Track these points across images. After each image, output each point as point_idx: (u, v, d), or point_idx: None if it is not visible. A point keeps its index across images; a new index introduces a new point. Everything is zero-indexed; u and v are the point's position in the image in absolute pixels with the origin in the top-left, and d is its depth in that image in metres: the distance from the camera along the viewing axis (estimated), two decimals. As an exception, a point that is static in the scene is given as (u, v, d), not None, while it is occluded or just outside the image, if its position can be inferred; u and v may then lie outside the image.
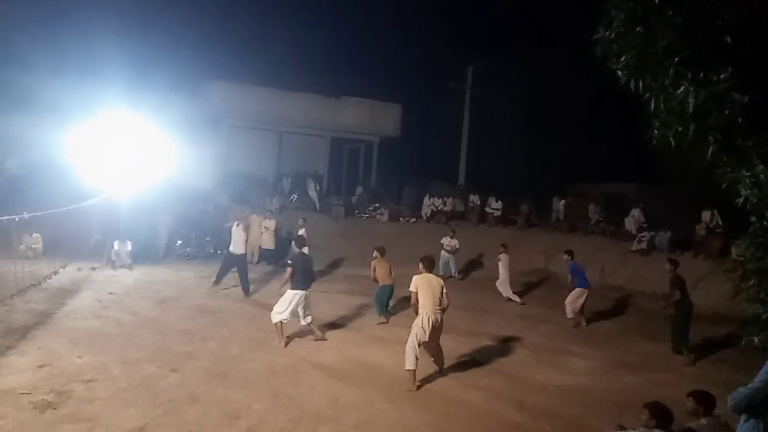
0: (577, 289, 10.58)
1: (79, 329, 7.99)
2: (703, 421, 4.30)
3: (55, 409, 5.37)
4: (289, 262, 8.19)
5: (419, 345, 6.70)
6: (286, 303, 7.92)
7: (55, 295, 9.83)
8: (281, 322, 7.92)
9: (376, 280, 10.16)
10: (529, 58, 23.52)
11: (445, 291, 6.92)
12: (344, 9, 26.58)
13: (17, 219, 8.20)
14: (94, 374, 6.29)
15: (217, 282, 11.21)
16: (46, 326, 8.01)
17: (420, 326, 6.70)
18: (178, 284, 11.76)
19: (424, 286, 6.81)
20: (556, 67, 22.53)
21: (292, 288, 7.99)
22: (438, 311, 6.79)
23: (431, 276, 6.97)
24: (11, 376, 6.05)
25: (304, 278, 8.10)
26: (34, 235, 12.85)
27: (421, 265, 7.07)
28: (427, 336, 6.69)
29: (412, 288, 6.84)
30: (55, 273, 11.02)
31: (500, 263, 12.69)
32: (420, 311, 6.79)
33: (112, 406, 5.53)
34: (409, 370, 6.64)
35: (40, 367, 6.38)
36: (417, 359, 6.66)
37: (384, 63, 26.15)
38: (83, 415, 5.29)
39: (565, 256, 11.07)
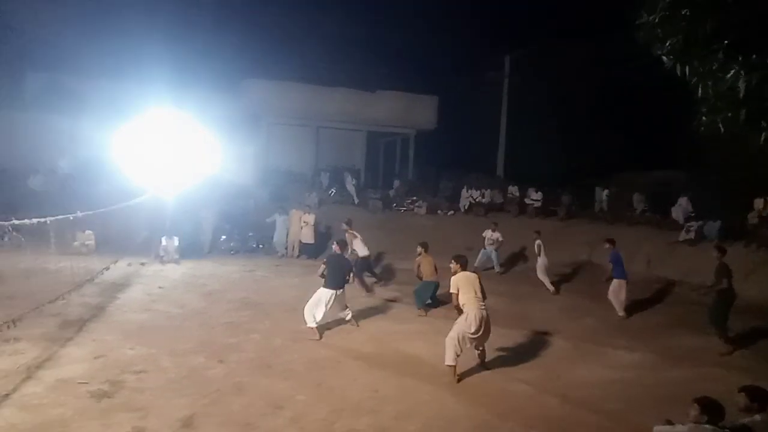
0: (616, 281, 10.31)
1: (130, 322, 8.33)
2: (758, 417, 4.15)
3: (110, 398, 5.63)
4: (324, 260, 8.44)
5: (460, 341, 6.63)
6: (318, 302, 8.04)
7: (107, 289, 10.26)
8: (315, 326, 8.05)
9: (420, 277, 10.17)
10: (568, 45, 22.94)
11: (482, 284, 6.90)
12: (378, 2, 26.49)
13: (71, 218, 8.59)
14: (144, 365, 6.56)
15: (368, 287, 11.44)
16: (99, 319, 8.39)
17: (465, 322, 6.64)
18: (223, 278, 12.08)
19: (464, 285, 6.74)
20: (597, 53, 21.90)
21: (326, 287, 8.12)
22: (483, 307, 6.73)
23: (468, 273, 6.94)
24: (70, 366, 6.38)
25: (336, 279, 8.19)
26: (87, 232, 13.42)
27: (455, 264, 6.96)
28: (476, 333, 6.64)
29: (453, 289, 6.77)
30: (107, 268, 11.48)
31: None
32: (465, 310, 6.69)
33: (162, 395, 5.76)
34: (449, 365, 6.60)
35: (95, 358, 6.70)
36: (458, 355, 6.63)
37: (419, 55, 25.94)
38: (135, 404, 5.53)
39: (606, 245, 10.79)
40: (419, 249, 10.40)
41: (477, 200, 20.15)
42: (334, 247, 8.92)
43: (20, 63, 19.54)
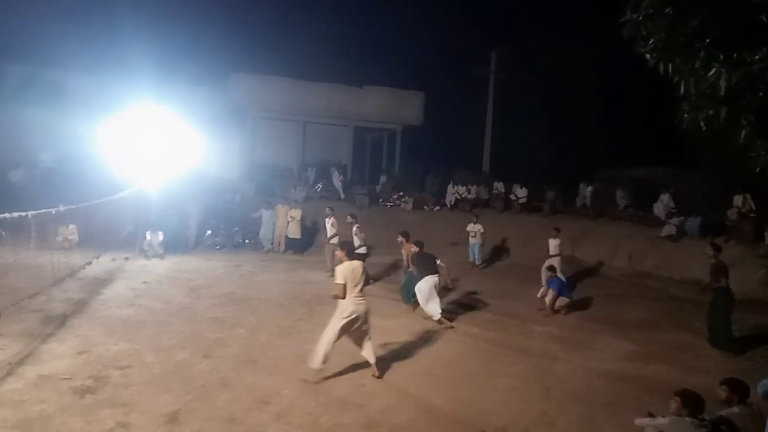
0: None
1: (114, 317, 8.24)
2: (736, 409, 4.24)
3: (93, 394, 5.57)
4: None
5: (336, 340, 6.22)
6: (430, 294, 8.89)
7: (90, 284, 10.14)
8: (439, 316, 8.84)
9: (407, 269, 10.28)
10: (554, 42, 23.10)
11: (366, 276, 6.50)
12: (365, -2, 26.41)
13: (54, 212, 8.46)
14: (129, 361, 6.49)
15: None
16: (82, 314, 8.29)
17: (342, 318, 6.23)
18: (209, 273, 12.00)
19: (348, 277, 6.29)
20: (582, 50, 22.10)
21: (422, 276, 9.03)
22: (361, 301, 6.32)
23: (354, 263, 6.44)
24: (52, 362, 6.30)
25: (429, 267, 9.13)
26: (70, 226, 13.23)
27: (340, 253, 6.58)
28: (353, 329, 6.30)
29: (339, 280, 6.24)
30: (89, 263, 11.35)
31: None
32: (342, 303, 6.27)
33: (147, 391, 5.71)
34: (316, 368, 6.18)
35: (78, 353, 6.62)
36: (327, 356, 6.19)
37: (406, 51, 25.97)
38: (120, 400, 5.48)
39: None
40: (400, 238, 10.28)
41: (463, 196, 20.26)
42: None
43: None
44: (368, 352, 6.50)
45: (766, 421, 4.09)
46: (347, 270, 6.31)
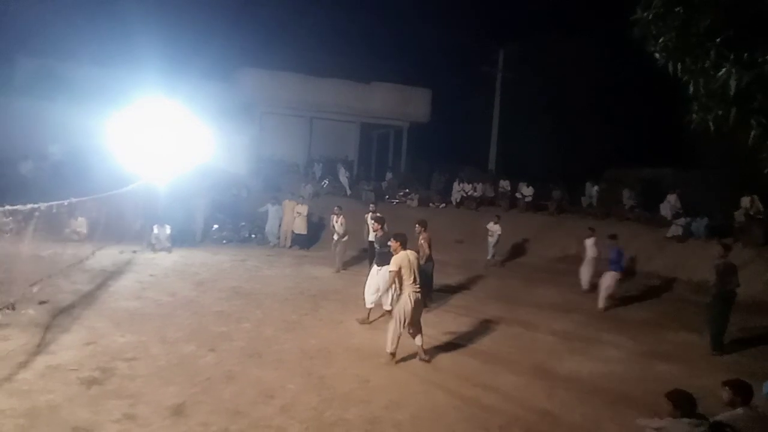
0: (612, 273, 10.49)
1: (120, 309, 8.31)
2: (739, 411, 4.23)
3: (100, 385, 5.62)
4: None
5: (404, 325, 6.73)
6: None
7: (98, 276, 10.21)
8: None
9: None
10: (562, 41, 22.99)
11: (419, 262, 7.05)
12: (375, -6, 26.38)
13: (66, 204, 8.53)
14: (135, 353, 6.55)
15: None
16: (90, 306, 8.35)
17: (404, 307, 6.72)
18: (215, 267, 12.06)
19: (405, 265, 6.76)
20: (589, 49, 21.98)
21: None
22: (417, 289, 6.80)
23: (409, 252, 6.91)
24: (60, 353, 6.35)
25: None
26: (79, 219, 13.31)
27: (395, 242, 6.95)
28: (410, 315, 6.75)
29: (394, 267, 6.77)
30: (93, 254, 11.39)
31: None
32: (403, 291, 6.77)
33: (153, 383, 5.75)
34: (391, 353, 6.74)
35: (85, 344, 6.67)
36: (398, 339, 6.75)
37: (414, 47, 25.95)
38: (126, 391, 5.53)
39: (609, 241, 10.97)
40: (418, 228, 9.81)
41: (468, 194, 20.23)
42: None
43: (11, 48, 19.31)
44: (418, 339, 6.98)
45: (770, 423, 4.09)
46: (404, 259, 6.73)
